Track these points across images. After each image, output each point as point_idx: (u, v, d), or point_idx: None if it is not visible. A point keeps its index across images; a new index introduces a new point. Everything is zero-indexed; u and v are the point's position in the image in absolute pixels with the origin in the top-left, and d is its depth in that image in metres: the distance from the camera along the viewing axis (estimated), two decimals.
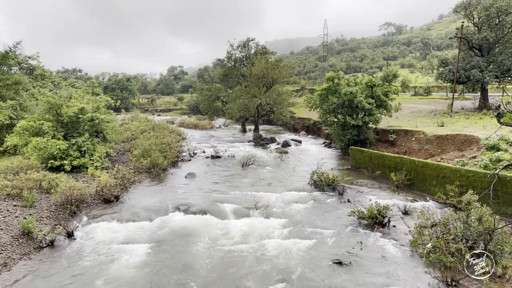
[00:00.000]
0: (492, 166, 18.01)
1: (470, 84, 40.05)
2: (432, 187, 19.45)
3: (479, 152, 21.32)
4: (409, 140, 29.59)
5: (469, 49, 40.80)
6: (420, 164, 20.62)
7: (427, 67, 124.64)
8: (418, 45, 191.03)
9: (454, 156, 23.09)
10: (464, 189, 16.95)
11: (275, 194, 20.89)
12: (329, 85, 32.63)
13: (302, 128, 51.63)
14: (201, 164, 30.32)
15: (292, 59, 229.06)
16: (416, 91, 66.08)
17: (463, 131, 26.85)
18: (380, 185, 22.72)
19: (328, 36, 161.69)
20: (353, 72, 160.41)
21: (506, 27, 37.96)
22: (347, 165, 28.76)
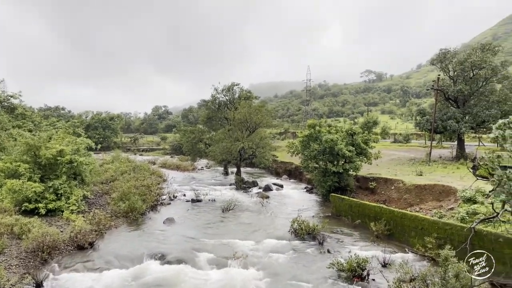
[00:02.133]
0: (468, 219, 18.24)
1: (447, 134, 41.25)
2: (411, 238, 19.49)
3: (456, 203, 21.64)
4: (388, 189, 29.91)
5: (445, 100, 42.37)
6: (399, 215, 20.75)
7: (406, 114, 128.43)
8: (398, 92, 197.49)
9: (432, 207, 23.37)
10: (442, 241, 17.03)
11: (254, 242, 20.58)
12: (310, 132, 33.16)
13: (284, 172, 51.79)
14: (181, 209, 29.85)
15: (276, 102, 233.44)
16: (395, 138, 67.58)
17: (441, 181, 27.35)
18: (360, 234, 22.65)
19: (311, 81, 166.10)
20: (335, 117, 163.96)
21: (480, 80, 39.75)
22: (328, 212, 28.70)
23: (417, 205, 24.97)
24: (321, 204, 32.26)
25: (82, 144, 26.23)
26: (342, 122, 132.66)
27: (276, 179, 48.21)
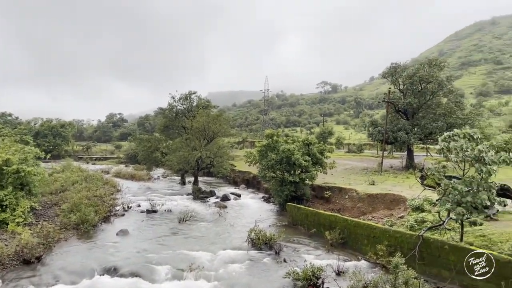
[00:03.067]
0: (417, 227, 19.09)
1: (398, 144, 43.07)
2: (364, 246, 20.07)
3: (406, 212, 22.59)
4: (343, 198, 30.71)
5: (396, 112, 44.29)
6: (353, 223, 21.34)
7: (360, 125, 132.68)
8: (352, 103, 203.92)
9: (383, 215, 24.24)
10: (393, 249, 17.67)
11: (211, 253, 20.39)
12: (268, 142, 33.50)
13: (242, 181, 51.83)
14: (136, 220, 29.06)
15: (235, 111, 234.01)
16: (349, 148, 69.59)
17: (392, 190, 28.47)
18: (315, 243, 23.04)
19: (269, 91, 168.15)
20: (292, 127, 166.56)
21: (428, 94, 41.94)
22: (285, 222, 28.99)
23: (370, 214, 25.80)
24: (278, 214, 32.54)
25: (30, 153, 24.98)
26: (299, 132, 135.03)
27: (234, 188, 48.13)
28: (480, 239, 16.66)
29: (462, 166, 16.69)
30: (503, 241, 15.98)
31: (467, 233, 17.18)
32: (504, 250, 15.28)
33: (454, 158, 16.67)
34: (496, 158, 15.88)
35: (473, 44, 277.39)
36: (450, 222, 17.66)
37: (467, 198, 15.46)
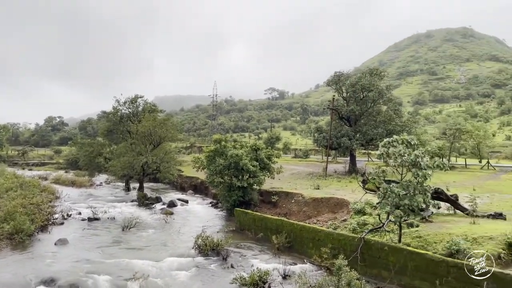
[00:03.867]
0: (359, 230, 19.86)
1: (341, 150, 44.64)
2: (309, 249, 20.54)
3: (348, 215, 23.42)
4: (289, 202, 31.25)
5: (339, 119, 45.93)
6: (299, 227, 21.78)
7: (306, 131, 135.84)
8: (298, 110, 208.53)
9: (328, 218, 24.96)
10: (336, 251, 18.24)
11: (157, 261, 19.89)
12: (216, 147, 33.39)
13: (189, 187, 51.16)
14: (76, 228, 27.69)
15: (183, 115, 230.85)
16: (296, 153, 71.03)
17: (336, 194, 29.42)
18: (263, 248, 23.22)
19: (217, 96, 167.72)
20: (240, 132, 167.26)
21: (369, 102, 43.91)
22: (233, 227, 28.97)
23: (315, 217, 26.46)
24: (226, 219, 32.44)
25: None
26: (247, 137, 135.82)
27: (181, 194, 47.37)
28: (417, 240, 17.64)
29: (400, 171, 17.62)
30: (437, 241, 17.02)
31: (405, 234, 18.12)
32: (438, 250, 16.28)
33: (392, 163, 17.57)
34: (431, 163, 16.94)
35: (410, 55, 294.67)
36: (389, 224, 18.54)
37: (405, 201, 16.33)
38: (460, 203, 22.38)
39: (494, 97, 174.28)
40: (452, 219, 20.58)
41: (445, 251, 15.85)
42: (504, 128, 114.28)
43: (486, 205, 25.16)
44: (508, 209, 23.42)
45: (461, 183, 36.26)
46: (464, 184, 35.89)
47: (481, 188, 33.69)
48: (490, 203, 26.39)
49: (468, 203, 21.01)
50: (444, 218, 20.90)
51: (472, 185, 34.89)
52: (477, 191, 31.26)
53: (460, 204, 22.26)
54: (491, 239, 16.04)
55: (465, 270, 13.60)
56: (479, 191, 31.70)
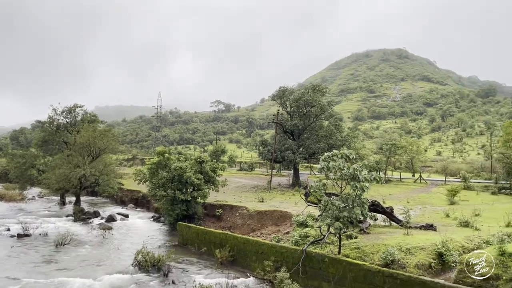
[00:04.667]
0: (301, 242, 20.21)
1: (285, 163, 45.44)
2: (252, 262, 20.53)
3: (291, 227, 23.79)
4: (234, 215, 31.17)
5: (284, 133, 46.84)
6: (242, 240, 21.74)
7: (251, 144, 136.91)
8: (244, 123, 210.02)
9: (271, 231, 25.18)
10: (279, 264, 18.40)
11: (92, 279, 18.89)
12: (159, 159, 32.65)
13: (130, 200, 49.39)
14: (3, 245, 25.63)
15: (125, 126, 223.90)
16: (241, 166, 71.21)
17: (279, 207, 29.79)
18: (206, 262, 22.87)
19: (162, 108, 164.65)
20: (185, 144, 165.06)
21: (312, 117, 45.24)
22: (175, 242, 28.29)
23: (259, 230, 26.58)
24: (168, 234, 31.64)
25: None
26: (193, 149, 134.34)
27: (121, 208, 45.56)
28: (355, 251, 18.26)
29: (340, 184, 18.26)
30: (374, 252, 17.73)
31: (344, 246, 18.70)
32: (375, 261, 16.96)
33: (333, 176, 18.18)
34: (368, 176, 17.72)
35: (351, 73, 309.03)
36: (330, 236, 19.05)
37: (344, 213, 16.90)
38: (395, 215, 23.54)
39: (426, 115, 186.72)
40: (388, 231, 21.57)
41: (381, 262, 16.55)
42: (435, 144, 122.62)
43: (418, 217, 26.69)
44: (438, 220, 25.00)
45: (396, 196, 38.23)
46: (399, 196, 37.88)
47: (414, 200, 35.73)
48: (422, 215, 28.04)
49: (402, 215, 22.16)
50: (381, 230, 21.85)
51: (406, 197, 36.92)
52: (410, 203, 33.11)
53: (395, 216, 23.42)
54: (422, 249, 16.98)
55: (399, 280, 14.26)
56: (412, 203, 33.60)
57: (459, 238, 18.63)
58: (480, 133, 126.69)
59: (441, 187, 43.31)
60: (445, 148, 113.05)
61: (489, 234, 18.91)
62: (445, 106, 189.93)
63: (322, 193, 18.55)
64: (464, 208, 29.88)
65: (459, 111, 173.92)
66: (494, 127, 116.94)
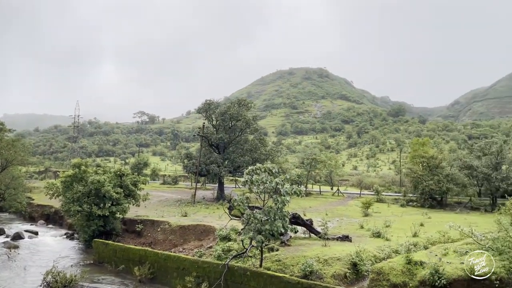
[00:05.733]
0: (224, 256, 20.12)
1: (210, 177, 45.26)
2: (173, 279, 19.98)
3: (214, 242, 23.62)
4: (155, 231, 30.18)
5: (209, 146, 46.74)
6: (163, 257, 21.11)
7: (176, 157, 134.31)
8: (169, 135, 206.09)
9: (194, 246, 24.78)
10: (201, 280, 18.14)
11: None
12: (75, 172, 30.69)
13: (41, 216, 45.55)
14: None
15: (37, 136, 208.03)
16: (165, 179, 69.52)
17: (203, 221, 29.49)
18: (123, 281, 21.78)
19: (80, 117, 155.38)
20: (105, 156, 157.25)
21: (237, 131, 45.75)
22: (90, 260, 26.59)
23: (181, 246, 26.01)
24: (83, 252, 29.69)
25: None
26: (113, 162, 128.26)
27: (30, 225, 41.81)
28: (276, 264, 18.61)
29: (262, 197, 18.58)
30: (294, 264, 18.22)
31: (266, 259, 18.98)
32: (294, 272, 17.42)
33: (256, 189, 18.46)
34: (289, 189, 18.26)
35: (275, 89, 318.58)
36: (252, 249, 19.23)
37: (266, 226, 17.20)
38: (314, 227, 24.49)
39: (343, 131, 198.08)
40: (307, 242, 22.33)
41: (300, 273, 17.04)
42: (351, 159, 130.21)
43: (336, 229, 28.05)
44: (353, 232, 26.48)
45: (316, 208, 39.84)
46: (319, 209, 39.52)
47: (332, 212, 37.51)
48: (339, 226, 29.52)
49: (321, 227, 23.11)
50: (301, 242, 22.56)
51: (325, 210, 38.62)
52: (329, 215, 34.70)
53: (314, 228, 24.36)
54: (339, 260, 17.83)
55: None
56: (330, 215, 35.25)
57: (371, 248, 19.88)
58: (391, 149, 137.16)
59: (357, 199, 45.99)
60: (361, 162, 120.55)
61: (398, 244, 20.45)
62: (360, 123, 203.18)
63: (245, 207, 18.72)
64: (376, 219, 32.02)
65: (373, 129, 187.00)
66: (403, 144, 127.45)
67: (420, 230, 25.27)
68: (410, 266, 15.34)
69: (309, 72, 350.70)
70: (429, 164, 45.76)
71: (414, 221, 29.46)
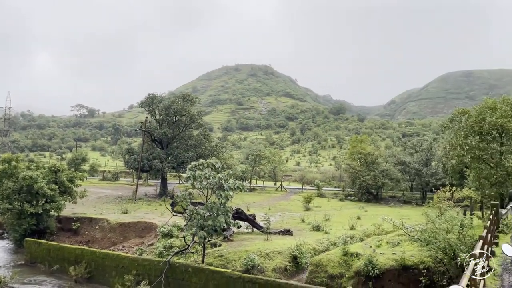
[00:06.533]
0: (165, 253, 19.82)
1: (153, 172, 44.25)
2: (112, 278, 19.39)
3: (156, 239, 23.17)
4: (93, 228, 29.01)
5: (152, 141, 45.64)
6: (101, 255, 20.41)
7: (117, 152, 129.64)
8: (110, 130, 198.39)
9: (135, 244, 24.14)
10: (141, 278, 17.75)
11: None
12: (4, 168, 28.71)
13: None
14: None
15: None
16: (104, 175, 66.99)
17: (144, 218, 28.79)
18: (58, 281, 20.79)
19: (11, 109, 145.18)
20: (40, 151, 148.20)
21: (181, 126, 45.08)
22: (22, 260, 25.10)
23: (121, 243, 25.22)
24: (14, 252, 27.92)
25: None
26: (48, 157, 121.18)
27: None
28: (219, 259, 18.65)
29: (205, 193, 18.52)
30: (236, 259, 18.35)
31: (209, 254, 18.96)
32: (236, 267, 17.56)
33: (199, 185, 18.36)
34: (233, 185, 18.37)
35: (221, 85, 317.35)
36: (194, 245, 19.12)
37: (209, 222, 17.18)
38: (257, 222, 24.81)
39: (287, 128, 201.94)
40: (250, 237, 22.59)
41: (242, 268, 17.22)
42: (295, 155, 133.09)
43: (278, 223, 28.60)
44: (295, 226, 27.15)
45: (259, 203, 40.34)
46: (262, 204, 40.05)
47: (275, 207, 38.20)
48: (282, 221, 30.14)
49: (263, 222, 23.49)
50: (244, 236, 22.78)
51: (268, 205, 39.23)
52: (271, 210, 35.30)
53: (257, 223, 24.68)
54: (280, 254, 18.23)
55: (257, 284, 15.03)
56: (273, 210, 35.87)
57: (311, 241, 20.54)
58: (332, 146, 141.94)
59: (299, 194, 47.17)
60: (303, 159, 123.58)
61: (336, 237, 21.30)
62: (304, 120, 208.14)
63: (188, 203, 18.58)
64: (317, 213, 33.07)
65: (315, 126, 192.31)
66: (343, 141, 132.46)
67: (357, 223, 26.50)
68: (346, 257, 16.06)
69: (254, 68, 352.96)
70: (366, 160, 47.97)
71: (351, 214, 30.82)
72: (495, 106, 21.09)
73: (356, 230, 24.28)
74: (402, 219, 18.93)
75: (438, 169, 44.90)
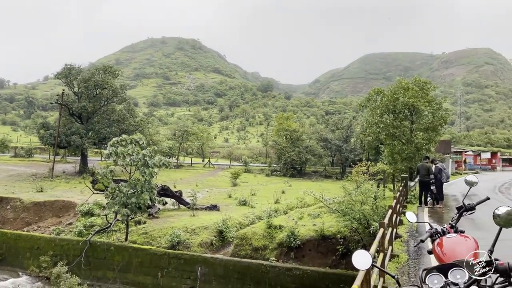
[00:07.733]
0: (86, 232, 18.94)
1: (72, 149, 41.69)
2: (26, 260, 18.20)
3: (75, 218, 22.02)
4: (4, 209, 26.74)
5: (70, 116, 42.76)
6: (13, 237, 19.02)
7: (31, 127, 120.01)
8: (22, 103, 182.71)
9: (51, 223, 22.74)
10: (59, 258, 16.86)
11: None
12: None
13: None
14: None
15: None
16: (16, 152, 61.87)
17: (62, 196, 27.15)
18: None
19: None
20: None
21: (103, 99, 42.72)
22: None
23: (36, 224, 23.60)
24: None
25: None
26: None
27: None
28: (143, 237, 18.26)
29: (128, 170, 17.88)
30: (161, 236, 18.09)
31: (132, 232, 18.47)
32: (162, 244, 17.34)
33: (121, 162, 17.66)
34: (157, 161, 17.93)
35: (146, 58, 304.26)
36: (117, 223, 18.51)
37: (132, 199, 16.68)
38: (183, 198, 24.63)
39: (216, 104, 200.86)
40: (176, 214, 22.39)
41: (168, 244, 17.05)
42: (223, 132, 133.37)
43: (205, 199, 28.65)
44: (222, 201, 27.41)
45: (186, 180, 40.02)
46: (189, 180, 39.78)
47: (203, 184, 38.17)
48: (209, 197, 30.24)
49: (190, 198, 23.35)
50: (169, 213, 22.51)
51: (195, 181, 39.07)
52: (199, 186, 35.24)
53: (183, 199, 24.50)
54: (206, 229, 18.31)
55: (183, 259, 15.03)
56: (200, 186, 35.84)
57: (237, 216, 20.89)
58: (259, 123, 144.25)
59: (227, 170, 47.53)
60: (232, 135, 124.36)
61: (262, 211, 21.87)
62: (232, 97, 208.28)
63: (109, 180, 17.83)
64: (243, 189, 33.66)
65: (244, 103, 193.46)
66: (271, 118, 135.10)
67: (281, 197, 27.45)
68: (270, 230, 16.59)
69: (182, 42, 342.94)
70: (291, 137, 49.53)
71: (277, 189, 31.81)
72: (408, 86, 22.71)
73: (281, 204, 25.15)
74: (323, 192, 19.90)
75: (357, 145, 47.73)
